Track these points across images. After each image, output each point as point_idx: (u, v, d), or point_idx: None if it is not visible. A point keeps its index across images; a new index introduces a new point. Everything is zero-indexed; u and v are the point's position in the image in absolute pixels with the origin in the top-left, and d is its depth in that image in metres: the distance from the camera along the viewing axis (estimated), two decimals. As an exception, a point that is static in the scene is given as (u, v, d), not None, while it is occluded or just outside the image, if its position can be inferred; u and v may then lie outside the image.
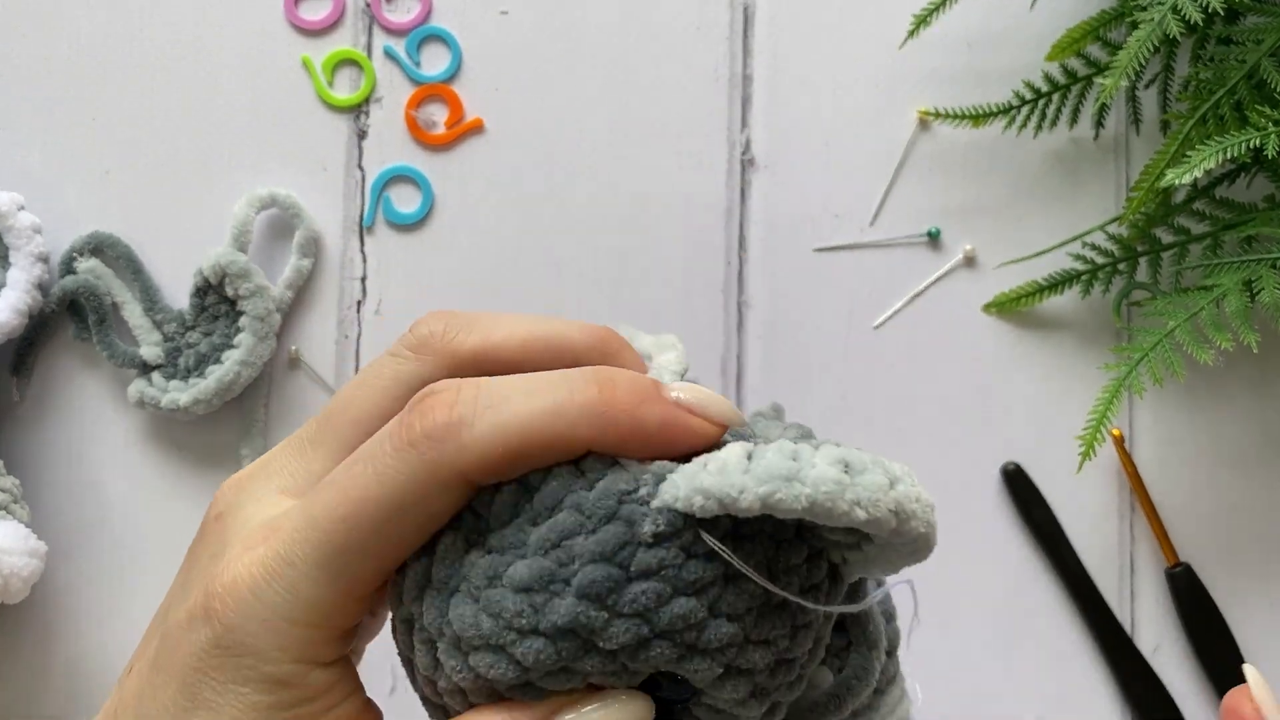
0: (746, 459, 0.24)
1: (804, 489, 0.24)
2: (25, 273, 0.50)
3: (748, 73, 0.54)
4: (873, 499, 0.24)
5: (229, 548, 0.27)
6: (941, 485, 0.52)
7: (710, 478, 0.24)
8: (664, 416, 0.26)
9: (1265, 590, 0.51)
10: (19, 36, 0.53)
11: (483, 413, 0.25)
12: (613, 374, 0.26)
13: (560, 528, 0.25)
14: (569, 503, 0.25)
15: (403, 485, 0.25)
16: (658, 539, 0.25)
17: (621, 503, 0.25)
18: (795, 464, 0.24)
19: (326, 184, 0.53)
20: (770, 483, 0.24)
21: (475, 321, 0.29)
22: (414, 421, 0.25)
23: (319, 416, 0.29)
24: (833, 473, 0.24)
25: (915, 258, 0.53)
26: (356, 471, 0.26)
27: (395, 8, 0.54)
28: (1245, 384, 0.52)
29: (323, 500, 0.26)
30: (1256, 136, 0.43)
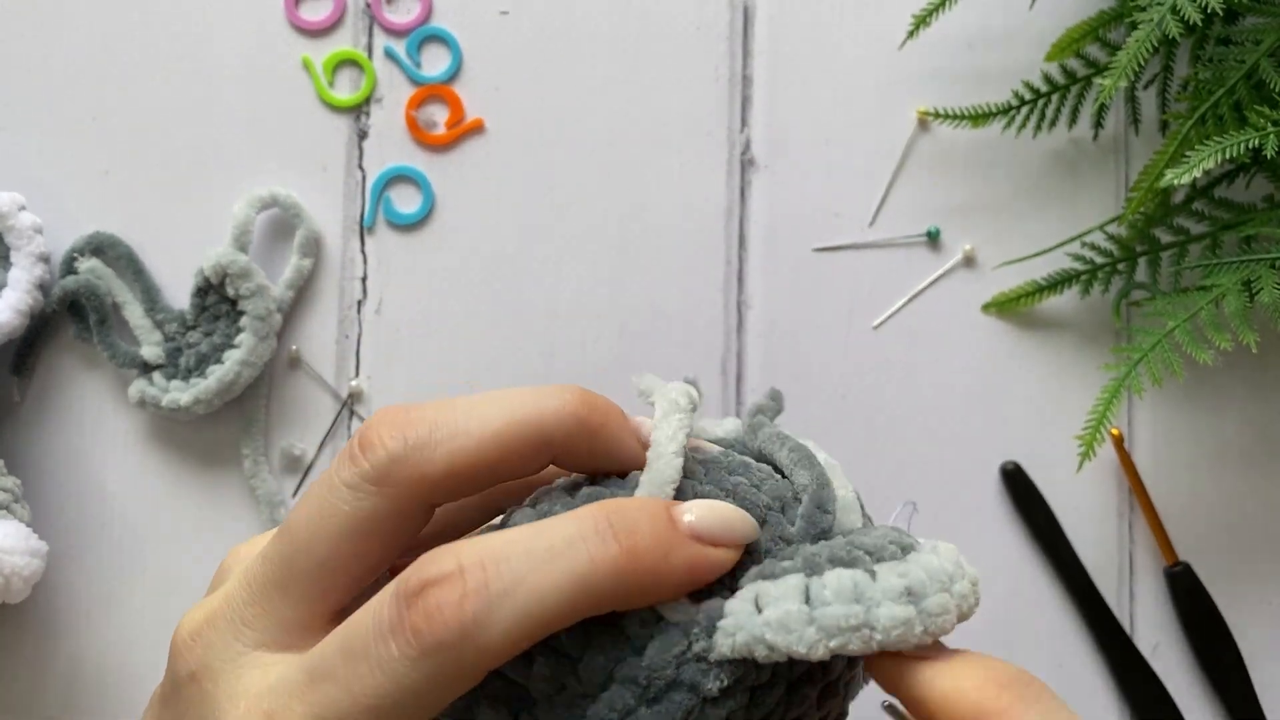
0: (805, 603, 0.23)
1: (875, 635, 0.23)
2: (26, 273, 0.50)
3: (748, 73, 0.54)
4: (940, 624, 0.24)
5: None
6: (941, 485, 0.52)
7: (773, 632, 0.23)
8: (689, 562, 0.24)
9: (1264, 590, 0.51)
10: (20, 37, 0.53)
11: (498, 603, 0.23)
12: (628, 521, 0.24)
13: (619, 705, 0.24)
14: (621, 675, 0.24)
15: (419, 689, 0.23)
16: (724, 693, 0.24)
17: (680, 666, 0.24)
18: (861, 608, 0.23)
19: (327, 184, 0.53)
20: (840, 635, 0.23)
21: (436, 429, 0.25)
22: (421, 626, 0.23)
23: (274, 556, 0.26)
24: (901, 613, 0.23)
25: (915, 258, 0.53)
26: (363, 673, 0.23)
27: (395, 8, 0.54)
28: (1244, 384, 0.52)
29: (330, 701, 0.24)
30: (1255, 137, 0.43)
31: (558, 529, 0.24)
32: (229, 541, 0.52)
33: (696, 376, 0.52)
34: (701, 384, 0.52)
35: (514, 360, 0.52)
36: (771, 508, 0.27)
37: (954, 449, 0.52)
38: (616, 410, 0.28)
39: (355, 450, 0.25)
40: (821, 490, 0.28)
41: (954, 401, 0.52)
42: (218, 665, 0.26)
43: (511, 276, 0.53)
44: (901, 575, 0.24)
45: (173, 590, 0.52)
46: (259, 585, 0.26)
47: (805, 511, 0.27)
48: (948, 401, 0.52)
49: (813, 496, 0.27)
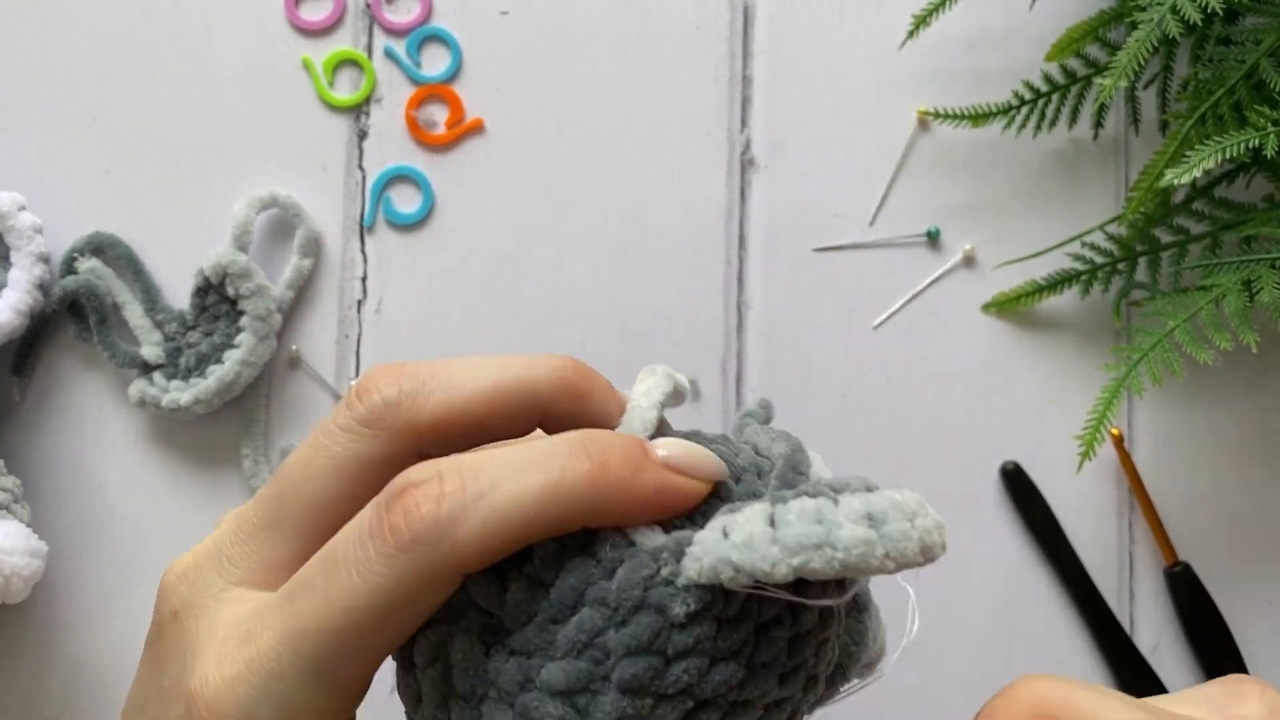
0: (770, 525, 0.24)
1: (836, 554, 0.23)
2: (26, 273, 0.50)
3: (748, 73, 0.54)
4: (901, 549, 0.24)
5: (200, 655, 0.26)
6: (941, 485, 0.52)
7: (739, 552, 0.24)
8: (658, 483, 0.25)
9: (1264, 589, 0.51)
10: (20, 37, 0.53)
11: (473, 504, 0.24)
12: (601, 444, 0.25)
13: (588, 626, 0.24)
14: (591, 596, 0.24)
15: (394, 590, 0.24)
16: (690, 618, 0.24)
17: (648, 589, 0.24)
18: (823, 528, 0.24)
19: (327, 184, 0.53)
20: (802, 553, 0.23)
21: (430, 380, 0.26)
22: (399, 522, 0.24)
23: (266, 496, 0.27)
24: (861, 533, 0.24)
25: (915, 258, 0.53)
26: (341, 578, 0.24)
27: (395, 8, 0.54)
28: (1244, 384, 0.52)
29: (308, 609, 0.24)
30: (1255, 136, 0.43)
31: (535, 445, 0.25)
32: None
33: (696, 376, 0.52)
34: (701, 384, 0.52)
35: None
36: (747, 470, 0.28)
37: (954, 449, 0.52)
38: (604, 381, 0.28)
39: (352, 397, 0.26)
40: (796, 455, 0.28)
41: (954, 401, 0.52)
42: (199, 602, 0.27)
43: (511, 276, 0.53)
44: (864, 502, 0.25)
45: (173, 590, 0.52)
46: (248, 525, 0.27)
47: (779, 471, 0.28)
48: (948, 401, 0.52)
49: (787, 460, 0.28)
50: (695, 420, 0.52)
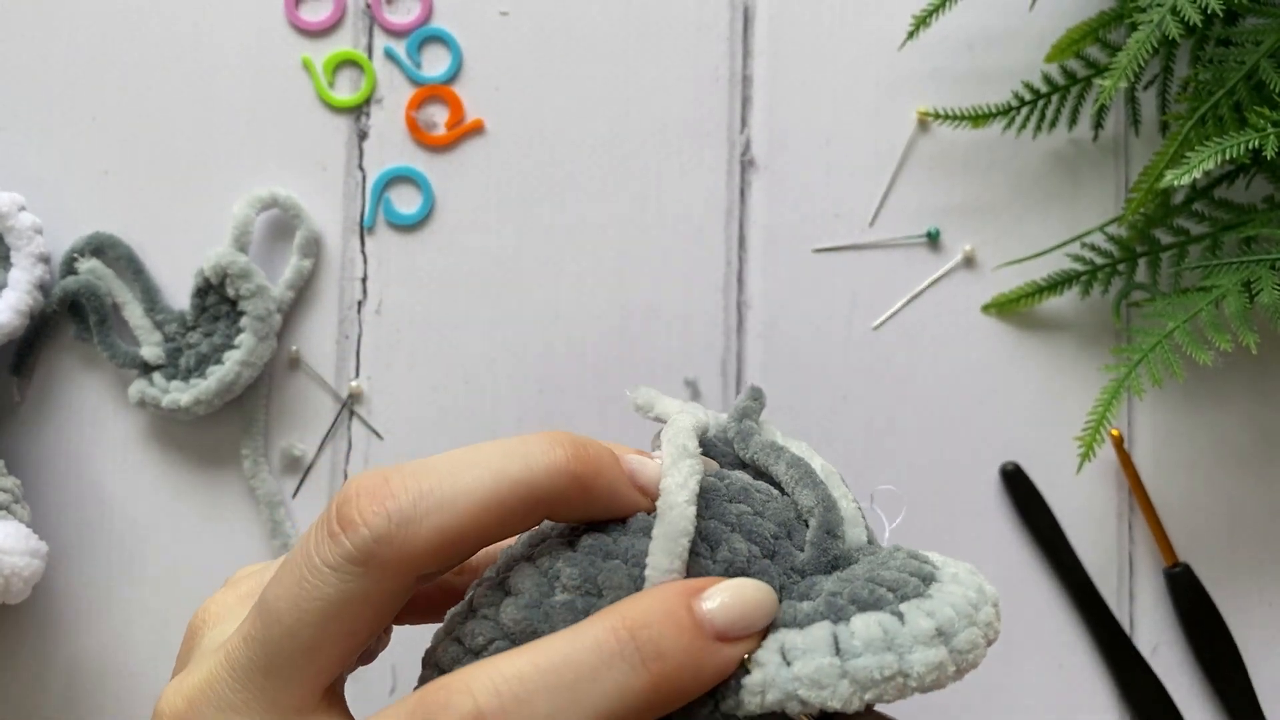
0: (835, 654, 0.23)
1: (910, 684, 0.23)
2: (26, 273, 0.50)
3: (748, 73, 0.54)
4: (970, 660, 0.23)
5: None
6: (941, 485, 0.52)
7: (806, 689, 0.23)
8: (720, 669, 0.24)
9: (1264, 590, 0.51)
10: (20, 37, 0.53)
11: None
12: (653, 639, 0.23)
13: None
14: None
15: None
16: None
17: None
18: (893, 656, 0.23)
19: (327, 184, 0.53)
20: (875, 688, 0.23)
21: (420, 500, 0.24)
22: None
23: (257, 639, 0.25)
24: (934, 656, 0.23)
25: (915, 258, 0.53)
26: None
27: (396, 9, 0.54)
28: (1244, 385, 0.52)
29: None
30: (1255, 138, 0.43)
31: (581, 656, 0.23)
32: (229, 542, 0.52)
33: (696, 376, 0.52)
34: (701, 384, 0.52)
35: (514, 360, 0.52)
36: (779, 536, 0.26)
37: (954, 450, 0.52)
38: (609, 457, 0.26)
39: (334, 527, 0.24)
40: (828, 514, 0.27)
41: (954, 402, 0.52)
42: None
43: (511, 276, 0.53)
44: (929, 615, 0.23)
45: (172, 590, 0.52)
46: (243, 669, 0.25)
47: (814, 539, 0.26)
48: (948, 402, 0.52)
49: (821, 522, 0.27)
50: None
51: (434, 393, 0.52)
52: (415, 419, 0.52)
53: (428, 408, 0.52)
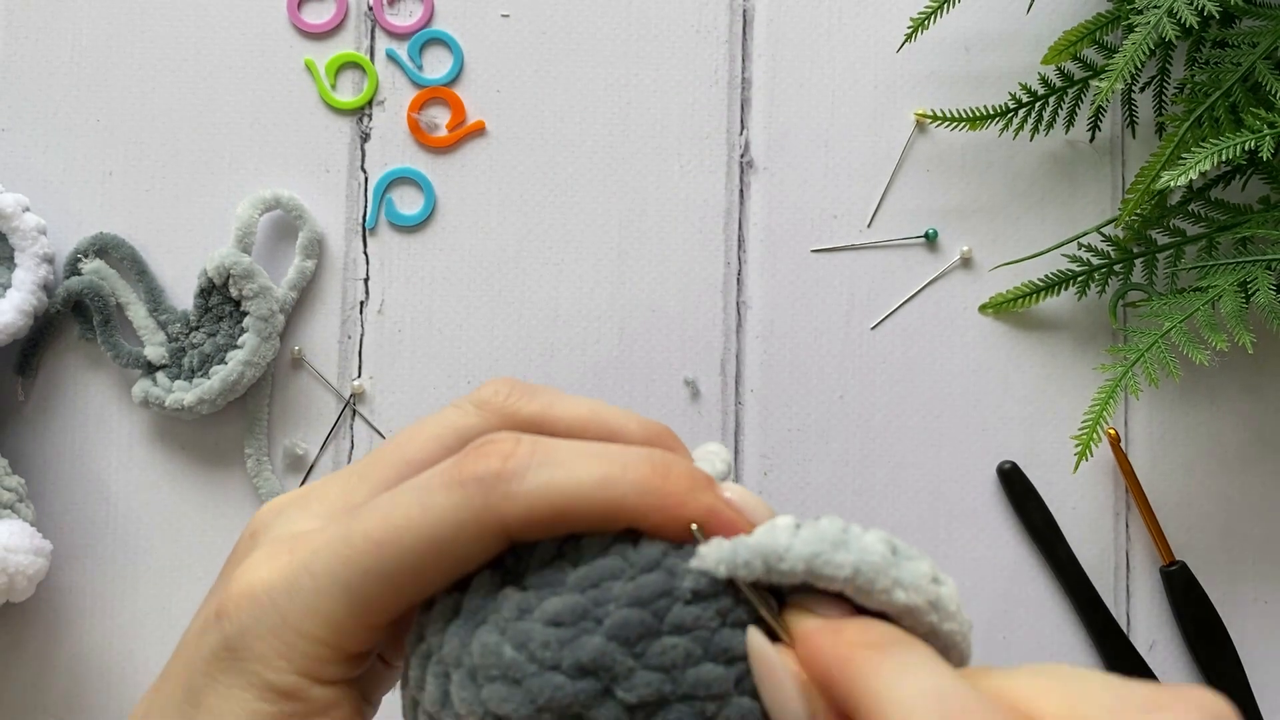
0: (795, 526, 0.25)
1: (849, 556, 0.24)
2: (30, 274, 0.51)
3: (747, 76, 0.54)
4: (915, 583, 0.24)
5: (253, 555, 0.27)
6: (938, 485, 0.52)
7: (756, 537, 0.24)
8: (711, 507, 0.26)
9: (1260, 588, 0.52)
10: (24, 39, 0.54)
11: (536, 468, 0.25)
12: (668, 459, 0.26)
13: (601, 569, 0.25)
14: (614, 550, 0.25)
15: (443, 521, 0.25)
16: (696, 596, 0.24)
17: (665, 555, 0.25)
18: (844, 535, 0.24)
19: (329, 186, 0.53)
20: (817, 545, 0.24)
21: (539, 393, 0.29)
22: (467, 464, 0.25)
23: (370, 453, 0.29)
24: (880, 548, 0.24)
25: (912, 259, 0.53)
26: (400, 500, 0.26)
27: (398, 11, 0.54)
28: (1240, 384, 0.52)
29: (360, 519, 0.26)
30: (1251, 139, 0.43)
31: (608, 446, 0.26)
32: (232, 540, 0.52)
33: (696, 376, 0.53)
34: (701, 384, 0.53)
35: (514, 360, 0.53)
36: None
37: (951, 449, 0.52)
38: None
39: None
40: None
41: (951, 402, 0.53)
42: (275, 523, 0.28)
43: (512, 277, 0.53)
44: (893, 539, 0.25)
45: (176, 589, 0.52)
46: (344, 472, 0.29)
47: None
48: (945, 402, 0.53)
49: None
50: (695, 420, 0.52)
51: (436, 392, 0.53)
52: (417, 418, 0.53)
53: (430, 407, 0.53)
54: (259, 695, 0.26)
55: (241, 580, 0.26)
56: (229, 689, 0.26)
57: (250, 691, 0.26)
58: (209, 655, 0.26)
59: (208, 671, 0.26)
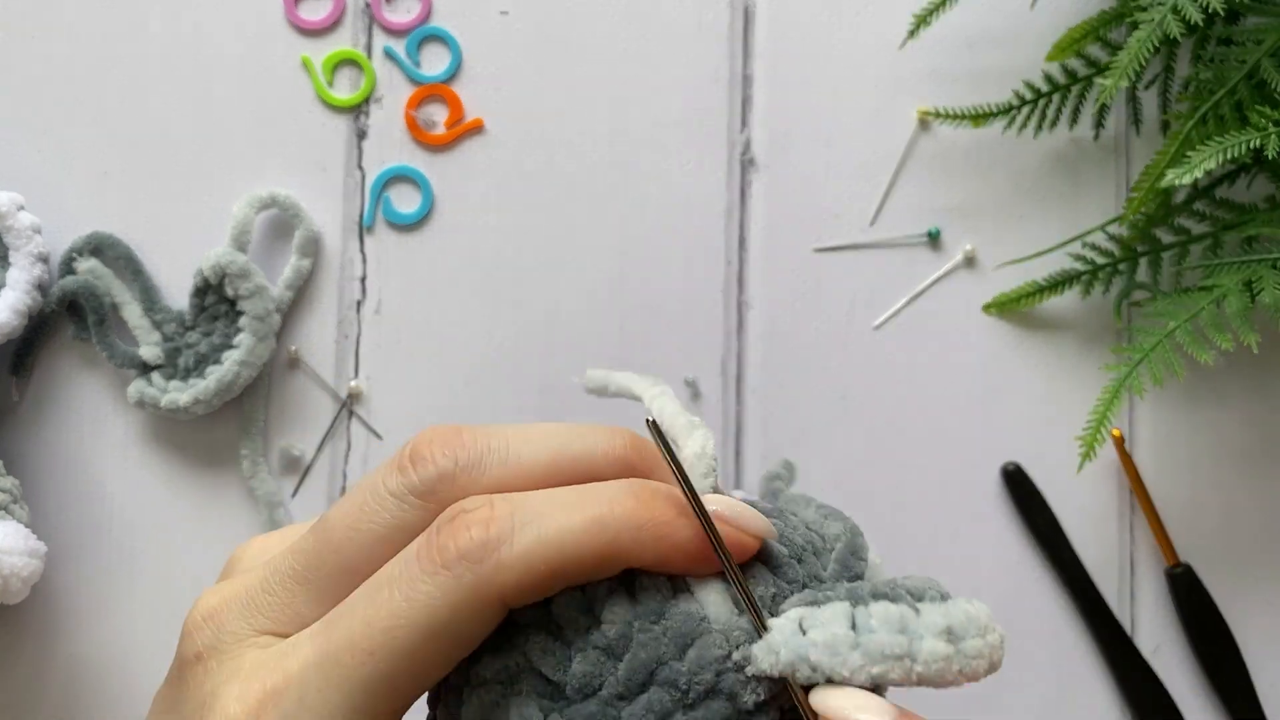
0: (852, 628, 0.24)
1: (915, 667, 0.24)
2: (25, 273, 0.50)
3: (748, 73, 0.54)
4: (974, 667, 0.25)
5: (220, 694, 0.25)
6: (941, 485, 0.52)
7: (818, 652, 0.24)
8: (702, 531, 0.25)
9: (1265, 590, 0.51)
10: (19, 37, 0.53)
11: (521, 528, 0.24)
12: (648, 486, 0.25)
13: (657, 707, 0.24)
14: (661, 677, 0.24)
15: (436, 610, 0.23)
16: (758, 708, 0.24)
17: (719, 674, 0.24)
18: (905, 639, 0.24)
19: (326, 184, 0.53)
20: (884, 663, 0.24)
21: (487, 454, 0.25)
22: (446, 542, 0.23)
23: (304, 550, 0.26)
24: (942, 649, 0.24)
25: (915, 258, 0.53)
26: (382, 599, 0.24)
27: (395, 8, 0.54)
28: (1245, 384, 0.52)
29: (343, 633, 0.24)
30: (1257, 137, 0.43)
31: (583, 488, 0.25)
32: (228, 542, 0.52)
33: (696, 376, 0.52)
34: (701, 384, 0.52)
35: (514, 360, 0.52)
36: (806, 549, 0.27)
37: (955, 449, 0.52)
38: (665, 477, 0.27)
39: (405, 461, 0.25)
40: (855, 538, 0.28)
41: (955, 402, 0.52)
42: (225, 645, 0.26)
43: (511, 276, 0.53)
44: (944, 615, 0.25)
45: (171, 590, 0.52)
46: (281, 576, 0.26)
47: (839, 555, 0.27)
48: (948, 402, 0.52)
49: (847, 543, 0.28)
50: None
51: (433, 392, 0.52)
52: (415, 419, 0.52)
53: (427, 407, 0.52)
54: None
55: (210, 596, 0.25)
56: None
57: None
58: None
59: None
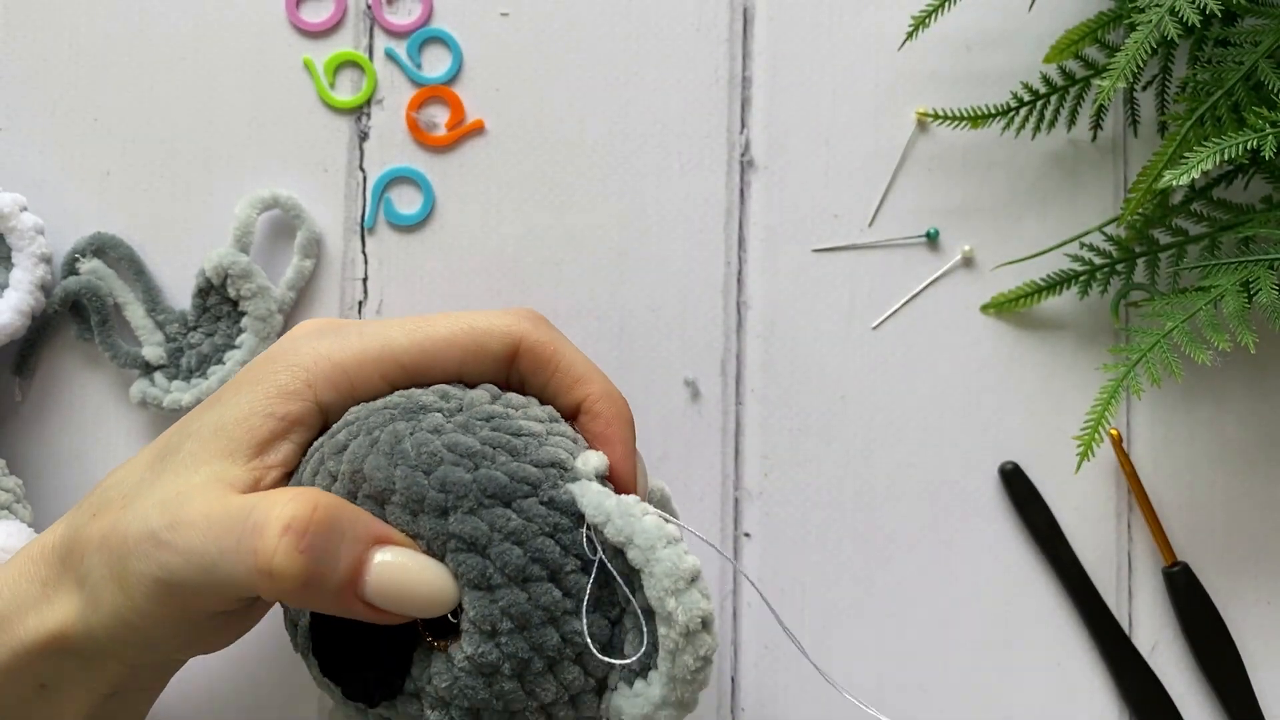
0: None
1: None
2: (28, 273, 0.50)
3: (747, 74, 0.54)
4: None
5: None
6: (940, 485, 0.52)
7: (622, 503, 0.35)
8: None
9: (1263, 589, 0.51)
10: (21, 37, 0.53)
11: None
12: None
13: (505, 426, 0.37)
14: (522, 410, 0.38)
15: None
16: (552, 503, 0.35)
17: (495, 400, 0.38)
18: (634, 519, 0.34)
19: (328, 185, 0.53)
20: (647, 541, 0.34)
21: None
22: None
23: None
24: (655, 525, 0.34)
25: (914, 258, 0.53)
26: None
27: (396, 10, 0.54)
28: (1243, 384, 0.52)
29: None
30: (1254, 138, 0.43)
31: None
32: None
33: (696, 377, 0.52)
34: (701, 384, 0.52)
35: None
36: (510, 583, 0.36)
37: (953, 449, 0.52)
38: (567, 355, 0.40)
39: None
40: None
41: (953, 402, 0.52)
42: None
43: (512, 277, 0.53)
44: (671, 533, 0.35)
45: (174, 590, 0.52)
46: None
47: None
48: (946, 402, 0.52)
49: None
50: (695, 420, 0.52)
51: (434, 393, 0.52)
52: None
53: (428, 408, 0.52)
54: (265, 393, 0.36)
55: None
56: (245, 385, 0.37)
57: (260, 388, 0.36)
58: (245, 368, 0.38)
59: (228, 383, 0.38)
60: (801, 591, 0.52)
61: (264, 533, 0.32)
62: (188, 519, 0.33)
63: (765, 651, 0.51)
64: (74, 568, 0.35)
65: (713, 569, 0.52)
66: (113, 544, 0.34)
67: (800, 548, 0.52)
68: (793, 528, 0.52)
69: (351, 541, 0.32)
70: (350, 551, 0.32)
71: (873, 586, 0.51)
